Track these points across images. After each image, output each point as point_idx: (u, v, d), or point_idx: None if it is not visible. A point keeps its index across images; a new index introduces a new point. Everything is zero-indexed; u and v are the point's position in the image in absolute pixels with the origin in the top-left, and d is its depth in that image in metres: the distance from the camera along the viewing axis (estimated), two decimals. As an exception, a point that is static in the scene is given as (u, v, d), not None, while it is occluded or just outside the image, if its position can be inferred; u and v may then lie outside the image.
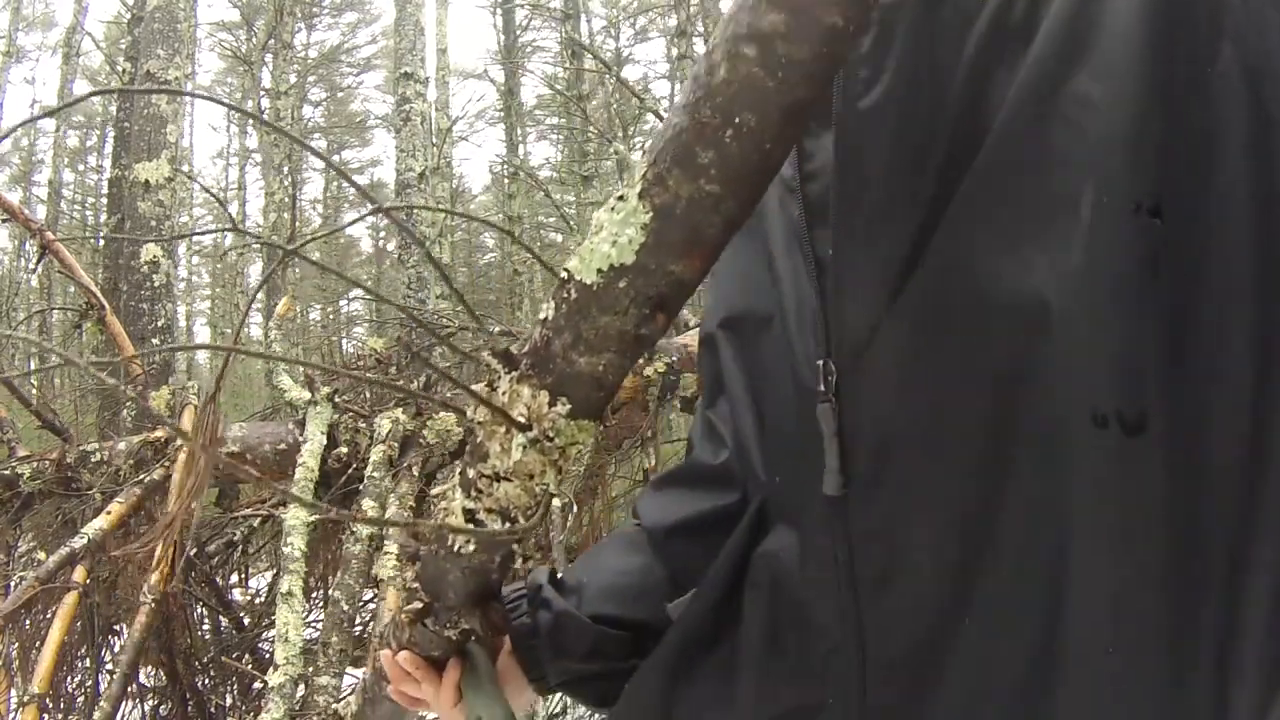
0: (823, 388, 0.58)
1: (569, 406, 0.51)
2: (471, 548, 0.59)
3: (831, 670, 0.60)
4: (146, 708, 2.04)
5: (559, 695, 2.75)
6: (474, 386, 0.54)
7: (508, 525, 0.56)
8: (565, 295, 0.49)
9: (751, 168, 0.44)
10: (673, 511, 0.74)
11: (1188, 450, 0.47)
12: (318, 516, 1.82)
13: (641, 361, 2.13)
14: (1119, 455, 0.48)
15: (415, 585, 0.66)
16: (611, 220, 0.47)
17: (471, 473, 0.56)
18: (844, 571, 0.59)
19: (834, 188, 0.58)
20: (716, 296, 0.73)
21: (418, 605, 0.66)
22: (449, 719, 0.75)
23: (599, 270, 0.48)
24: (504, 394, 0.52)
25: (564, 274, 0.50)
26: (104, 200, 9.84)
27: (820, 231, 0.60)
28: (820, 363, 0.58)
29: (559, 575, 0.77)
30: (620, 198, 0.47)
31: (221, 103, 3.09)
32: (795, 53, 0.41)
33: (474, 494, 0.56)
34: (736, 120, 0.42)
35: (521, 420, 0.51)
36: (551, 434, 0.52)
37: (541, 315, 0.51)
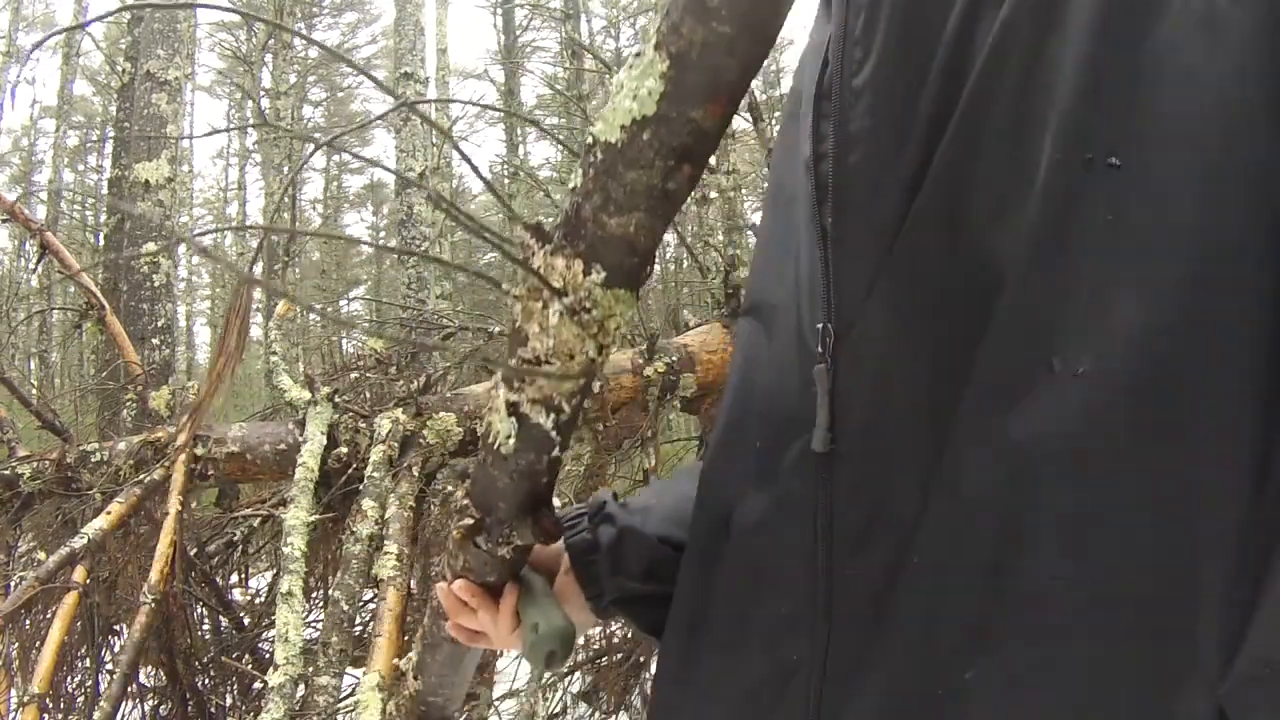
0: (820, 349, 0.60)
1: (604, 274, 0.50)
2: (513, 444, 0.58)
3: (800, 633, 0.61)
4: (146, 708, 2.04)
5: (559, 695, 2.76)
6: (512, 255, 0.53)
7: (552, 416, 0.55)
8: (592, 159, 0.49)
9: (759, 4, 0.45)
10: None
11: (1142, 391, 0.49)
12: (318, 516, 1.82)
13: (641, 361, 2.13)
14: (1071, 398, 0.50)
15: (466, 502, 0.66)
16: (630, 76, 0.47)
17: (512, 362, 0.55)
18: (823, 531, 0.60)
19: (832, 160, 0.61)
20: (748, 286, 0.76)
21: (469, 521, 0.65)
22: (508, 645, 0.75)
23: (622, 127, 0.47)
24: (539, 268, 0.51)
25: (589, 139, 0.49)
26: (104, 200, 9.83)
27: (825, 205, 0.62)
28: (820, 326, 0.60)
29: (623, 500, 0.79)
30: (637, 54, 0.47)
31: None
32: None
33: (515, 385, 0.55)
34: None
35: (558, 287, 0.50)
36: (588, 304, 0.50)
37: (570, 184, 0.50)
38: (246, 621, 2.29)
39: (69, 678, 1.95)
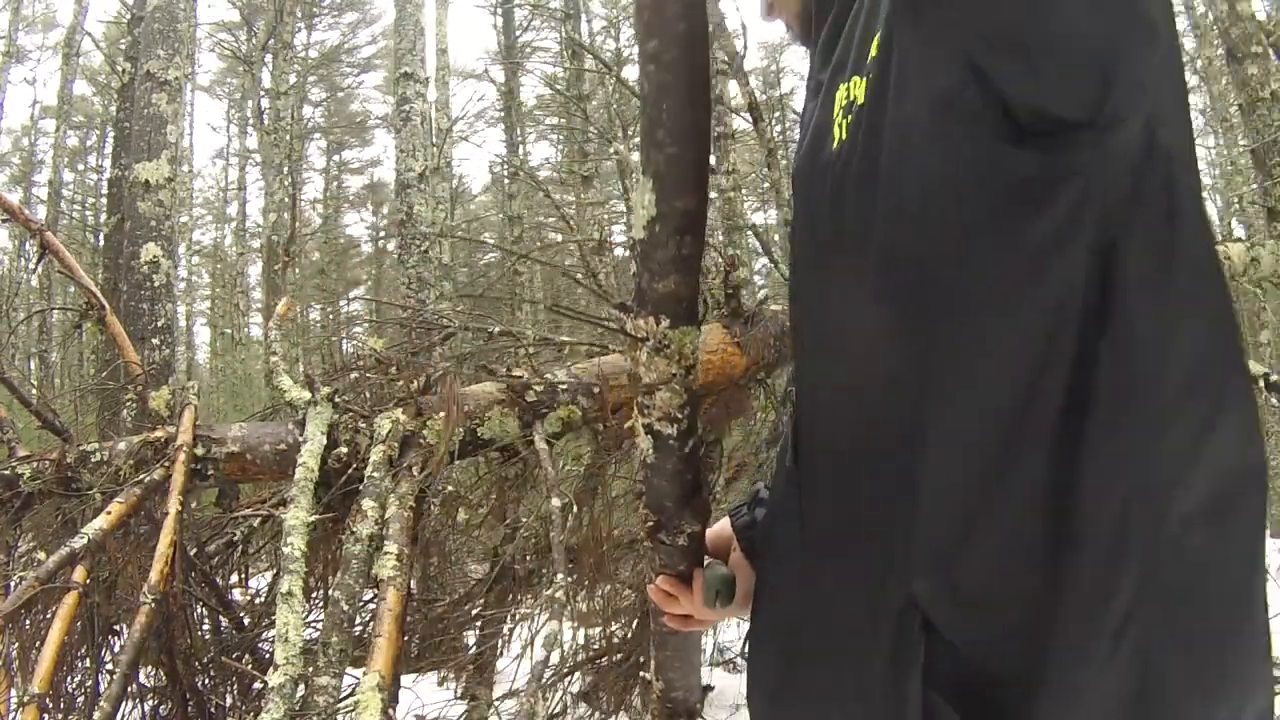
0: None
1: (667, 320, 0.74)
2: (653, 454, 0.83)
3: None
4: (146, 708, 2.04)
5: (558, 695, 2.76)
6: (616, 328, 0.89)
7: (674, 426, 0.81)
8: (636, 252, 0.73)
9: (687, 124, 0.66)
10: None
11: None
12: (318, 516, 1.82)
13: (641, 361, 2.13)
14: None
15: (645, 511, 0.90)
16: (637, 194, 0.71)
17: (641, 399, 0.80)
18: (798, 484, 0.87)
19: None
20: None
21: (650, 523, 0.89)
22: (708, 617, 0.95)
23: (643, 226, 0.71)
24: (630, 329, 0.76)
25: (630, 240, 0.75)
26: (104, 200, 9.83)
27: None
28: None
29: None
30: (637, 180, 0.71)
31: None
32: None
33: (644, 411, 0.81)
34: (664, 105, 0.66)
35: (643, 336, 0.76)
36: (666, 342, 0.75)
37: (632, 272, 0.75)
38: (246, 621, 2.29)
39: (69, 678, 1.95)
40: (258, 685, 2.04)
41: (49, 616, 1.72)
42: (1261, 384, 2.54)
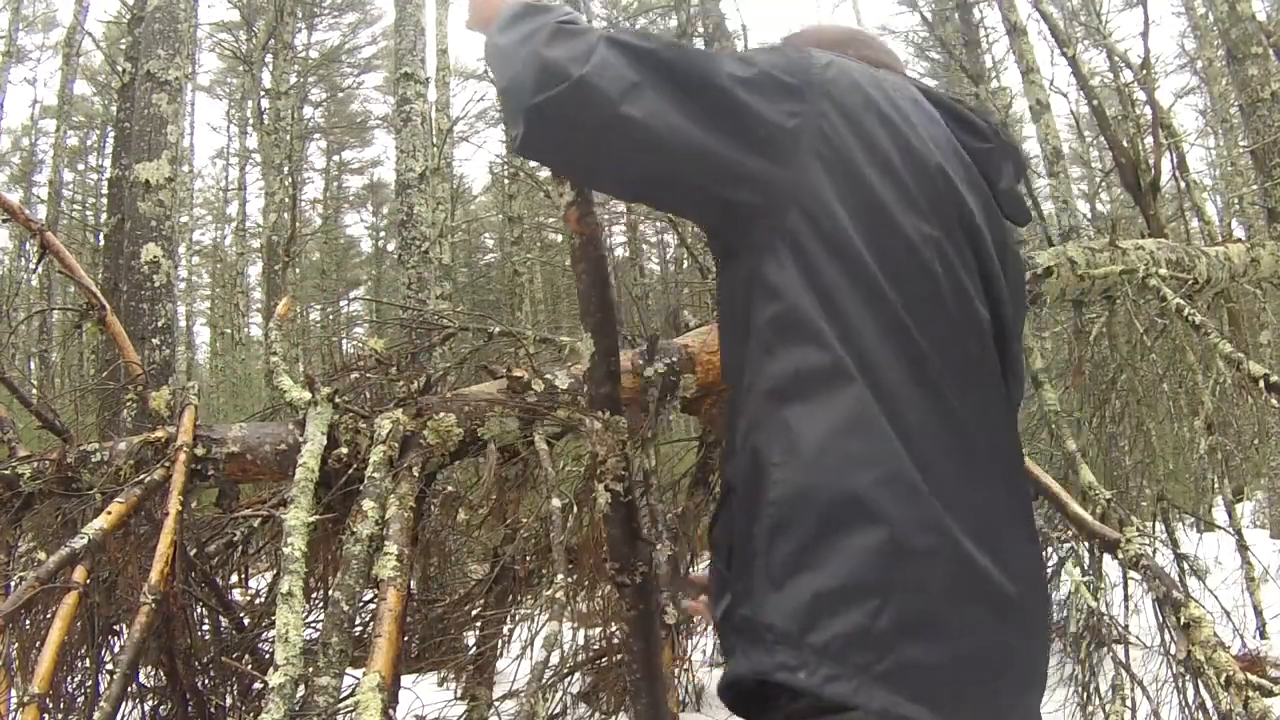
0: None
1: (608, 413, 1.13)
2: (609, 508, 1.18)
3: None
4: (146, 708, 2.04)
5: (559, 695, 2.75)
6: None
7: (621, 484, 1.25)
8: (585, 368, 1.24)
9: (604, 303, 1.30)
10: None
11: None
12: (318, 517, 1.82)
13: (641, 362, 2.13)
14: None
15: (609, 562, 1.27)
16: (583, 344, 1.21)
17: (599, 469, 1.14)
18: None
19: None
20: None
21: (613, 570, 1.24)
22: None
23: (588, 358, 1.20)
24: (589, 423, 1.13)
25: (583, 354, 1.28)
26: (104, 200, 9.83)
27: None
28: None
29: None
30: (582, 335, 1.20)
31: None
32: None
33: (600, 476, 1.12)
34: (591, 295, 1.24)
35: (595, 424, 1.12)
36: (608, 425, 1.13)
37: (584, 377, 1.17)
38: (246, 621, 2.29)
39: (69, 678, 1.95)
40: (258, 685, 2.04)
41: (49, 616, 1.72)
42: (1262, 384, 2.54)
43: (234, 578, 2.54)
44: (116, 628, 2.03)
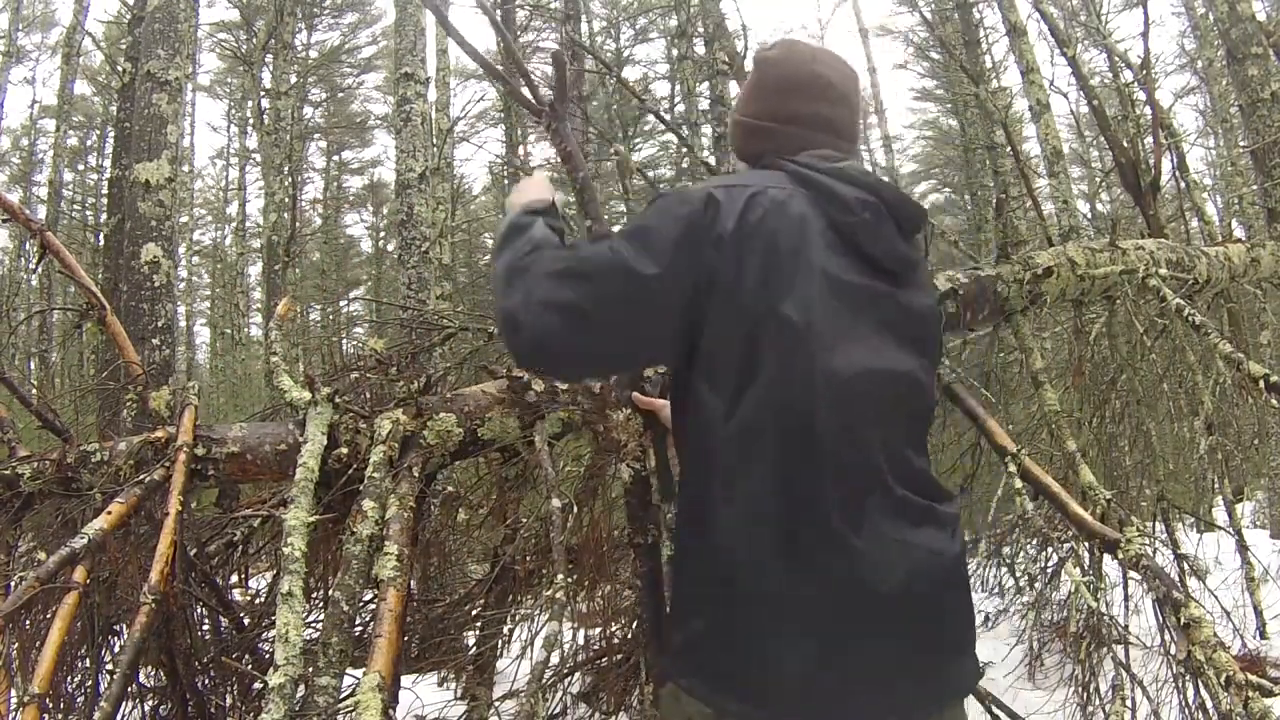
0: None
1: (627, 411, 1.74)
2: (629, 482, 1.77)
3: None
4: (146, 708, 2.04)
5: (559, 695, 2.75)
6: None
7: (639, 464, 1.77)
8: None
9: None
10: None
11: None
12: (318, 517, 1.82)
13: (642, 362, 2.15)
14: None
15: (627, 525, 1.70)
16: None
17: (621, 451, 1.66)
18: None
19: None
20: None
21: (629, 531, 1.64)
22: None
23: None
24: (616, 419, 1.55)
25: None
26: (104, 200, 9.82)
27: None
28: None
29: None
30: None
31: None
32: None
33: (623, 456, 1.54)
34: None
35: (620, 417, 1.59)
36: (629, 418, 1.66)
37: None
38: (246, 621, 2.29)
39: (69, 678, 1.95)
40: (258, 685, 2.04)
41: (49, 616, 1.72)
42: (1262, 385, 2.54)
43: (234, 578, 2.54)
44: (116, 628, 2.03)
